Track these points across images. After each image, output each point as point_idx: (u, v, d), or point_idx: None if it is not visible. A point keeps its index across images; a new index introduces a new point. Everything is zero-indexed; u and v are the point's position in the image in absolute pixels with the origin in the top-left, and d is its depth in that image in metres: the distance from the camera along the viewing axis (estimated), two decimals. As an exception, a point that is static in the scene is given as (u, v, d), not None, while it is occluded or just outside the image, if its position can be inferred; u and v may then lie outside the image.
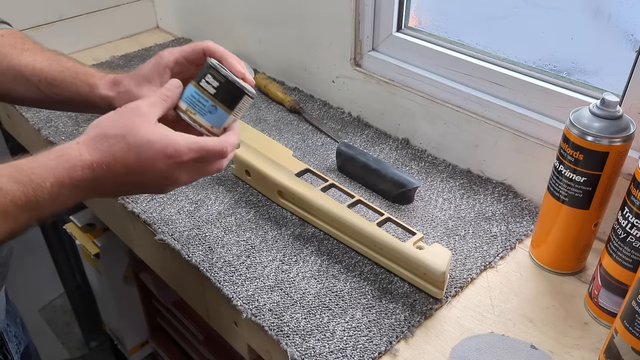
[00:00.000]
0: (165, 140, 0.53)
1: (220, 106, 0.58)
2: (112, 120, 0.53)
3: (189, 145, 0.54)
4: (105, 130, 0.52)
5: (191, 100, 0.58)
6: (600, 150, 0.60)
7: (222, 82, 0.57)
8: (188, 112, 0.58)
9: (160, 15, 1.41)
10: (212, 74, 0.57)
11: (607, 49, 0.73)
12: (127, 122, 0.53)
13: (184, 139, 0.54)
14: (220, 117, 0.58)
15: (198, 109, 0.58)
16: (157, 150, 0.53)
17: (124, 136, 0.52)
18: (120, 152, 0.52)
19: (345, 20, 0.95)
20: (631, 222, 0.58)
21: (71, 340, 1.63)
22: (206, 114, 0.58)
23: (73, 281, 1.53)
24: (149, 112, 0.54)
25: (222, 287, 0.68)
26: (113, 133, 0.52)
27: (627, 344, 0.54)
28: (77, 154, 0.51)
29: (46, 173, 0.49)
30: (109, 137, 0.52)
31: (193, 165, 0.56)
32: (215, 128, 0.58)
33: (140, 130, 0.53)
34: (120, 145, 0.52)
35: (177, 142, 0.53)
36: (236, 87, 0.58)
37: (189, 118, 0.58)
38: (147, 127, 0.53)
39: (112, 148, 0.52)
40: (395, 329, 0.62)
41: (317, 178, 0.80)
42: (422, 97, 0.90)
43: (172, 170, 0.54)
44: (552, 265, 0.71)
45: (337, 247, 0.74)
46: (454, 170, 0.88)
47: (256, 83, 1.11)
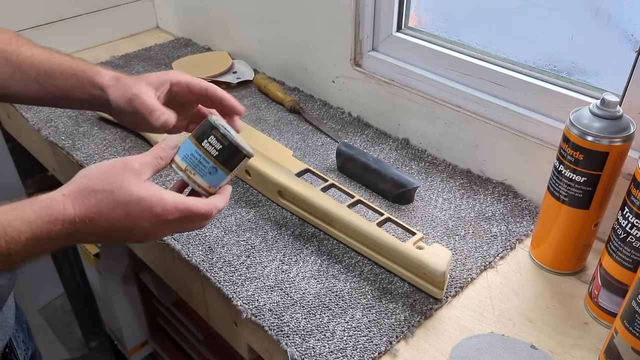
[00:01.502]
0: (155, 198, 0.53)
1: (221, 168, 0.58)
2: (102, 173, 0.52)
3: (176, 206, 0.54)
4: (94, 184, 0.52)
5: (191, 160, 0.57)
6: (600, 150, 0.60)
7: (226, 145, 0.57)
8: (187, 172, 0.57)
9: (160, 15, 1.41)
10: (216, 136, 0.57)
11: (607, 49, 0.73)
12: (118, 178, 0.52)
13: (172, 199, 0.54)
14: (219, 178, 0.58)
15: (199, 169, 0.57)
16: (145, 208, 0.52)
17: (112, 192, 0.51)
18: (106, 208, 0.51)
19: (345, 20, 0.95)
20: (631, 222, 0.58)
21: (71, 340, 1.62)
22: (206, 175, 0.58)
23: (73, 281, 1.53)
24: (141, 170, 0.54)
25: (222, 287, 0.68)
26: (102, 188, 0.51)
27: (627, 344, 0.54)
28: (61, 207, 0.50)
29: (23, 226, 0.48)
30: (97, 192, 0.51)
31: (177, 224, 0.55)
32: (212, 188, 0.59)
33: (130, 187, 0.52)
34: (108, 201, 0.51)
35: (166, 202, 0.53)
36: (239, 151, 0.58)
37: (188, 178, 0.58)
38: (137, 185, 0.53)
39: (99, 204, 0.51)
40: (395, 329, 0.62)
41: (317, 178, 0.80)
42: (422, 97, 0.90)
43: (156, 227, 0.54)
44: (552, 265, 0.71)
45: (337, 247, 0.74)
46: (454, 170, 0.88)
47: (256, 83, 1.12)
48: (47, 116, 1.02)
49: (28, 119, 1.02)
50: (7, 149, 1.29)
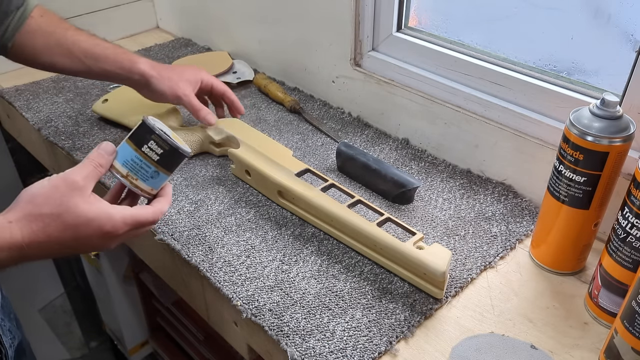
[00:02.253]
0: (103, 217, 0.54)
1: (163, 171, 0.59)
2: (48, 197, 0.52)
3: (124, 220, 0.55)
4: (39, 209, 0.52)
5: (132, 165, 0.58)
6: (600, 150, 0.60)
7: (167, 150, 0.58)
8: (129, 177, 0.58)
9: (160, 15, 1.41)
10: (156, 141, 0.57)
11: (607, 49, 0.73)
12: (64, 200, 0.52)
13: (120, 214, 0.55)
14: (160, 180, 0.60)
15: (140, 174, 0.58)
16: (95, 228, 0.53)
17: (60, 215, 0.52)
18: (55, 232, 0.52)
19: (345, 20, 0.95)
20: (631, 222, 0.58)
21: (71, 340, 1.63)
22: (148, 179, 0.58)
23: (73, 281, 1.53)
24: (85, 186, 0.54)
25: (222, 287, 0.68)
26: (48, 212, 0.51)
27: (627, 344, 0.54)
28: (8, 235, 0.50)
29: None
30: (43, 217, 0.51)
31: (127, 234, 0.57)
32: (154, 190, 0.60)
33: (77, 208, 0.52)
34: (56, 224, 0.52)
35: (114, 219, 0.54)
36: (179, 153, 0.59)
37: (130, 182, 0.58)
38: (84, 204, 0.53)
39: (46, 228, 0.51)
40: (395, 329, 0.62)
41: (317, 178, 0.80)
42: (422, 97, 0.90)
43: (106, 241, 0.56)
44: (552, 265, 0.71)
45: (337, 247, 0.74)
46: (454, 170, 0.88)
47: (256, 83, 1.12)
48: (47, 116, 1.02)
49: (28, 119, 1.02)
50: (7, 149, 1.29)
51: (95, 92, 1.11)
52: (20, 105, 1.06)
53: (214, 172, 0.88)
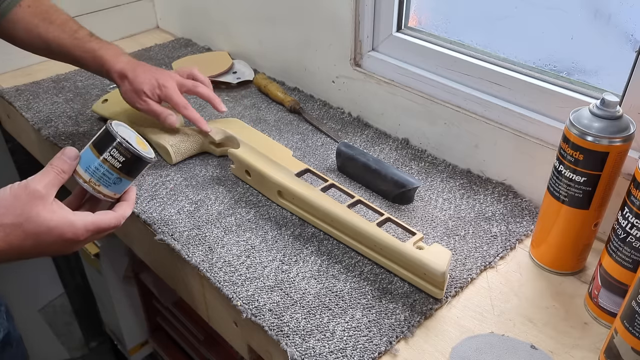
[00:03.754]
0: (64, 225, 0.54)
1: (125, 177, 0.60)
2: (8, 206, 0.53)
3: (86, 227, 0.56)
4: (1, 219, 0.52)
5: (95, 172, 0.58)
6: (600, 150, 0.60)
7: (128, 158, 0.59)
8: (92, 183, 0.59)
9: (160, 15, 1.41)
10: (118, 149, 0.58)
11: (607, 49, 0.73)
12: (25, 209, 0.53)
13: (81, 221, 0.56)
14: (123, 186, 0.61)
15: (103, 181, 0.59)
16: (56, 236, 0.54)
17: (21, 224, 0.53)
18: (17, 241, 0.53)
19: (345, 20, 0.95)
20: (631, 222, 0.58)
21: (71, 340, 1.62)
22: (111, 185, 0.59)
23: (73, 281, 1.53)
24: (47, 194, 0.55)
25: (222, 287, 0.68)
26: (10, 222, 0.52)
27: (627, 344, 0.54)
28: None
29: None
30: (5, 227, 0.52)
31: (89, 239, 0.58)
32: (117, 194, 0.61)
33: (39, 217, 0.53)
34: (17, 233, 0.52)
35: (75, 226, 0.55)
36: (141, 160, 0.60)
37: (92, 188, 0.59)
38: (45, 212, 0.54)
39: (7, 237, 0.52)
40: (395, 329, 0.62)
41: (317, 178, 0.80)
42: (422, 97, 0.90)
43: (67, 247, 0.57)
44: (552, 265, 0.71)
45: (337, 247, 0.74)
46: (454, 170, 0.88)
47: (256, 83, 1.12)
48: (47, 116, 1.02)
49: (28, 119, 1.02)
50: (7, 149, 1.29)
51: (95, 92, 1.11)
52: (20, 105, 1.06)
53: (214, 172, 0.88)
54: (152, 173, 0.87)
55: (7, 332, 0.81)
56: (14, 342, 0.83)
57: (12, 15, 0.83)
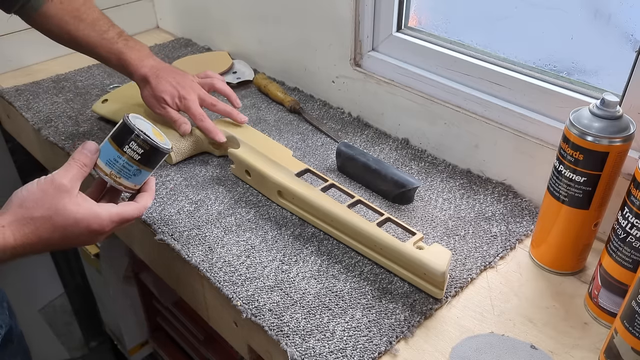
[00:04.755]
0: (90, 217, 0.57)
1: (144, 168, 0.61)
2: (37, 200, 0.56)
3: (111, 218, 0.59)
4: (31, 212, 0.55)
5: (115, 165, 0.60)
6: (600, 150, 0.60)
7: (147, 149, 0.60)
8: (112, 176, 0.60)
9: (160, 15, 1.41)
10: (137, 142, 0.60)
11: (607, 49, 0.73)
12: (53, 203, 0.56)
13: (106, 213, 0.59)
14: (143, 177, 0.62)
15: (123, 173, 0.60)
16: (83, 227, 0.57)
17: (50, 217, 0.55)
18: (46, 234, 0.55)
19: (345, 20, 0.95)
20: (631, 222, 0.58)
21: (71, 340, 1.62)
22: (131, 177, 0.61)
23: (73, 281, 1.53)
24: (72, 187, 0.57)
25: (222, 287, 0.68)
26: (39, 215, 0.55)
27: (627, 344, 0.54)
28: (1, 238, 0.54)
29: None
30: (35, 220, 0.55)
31: (113, 230, 0.61)
32: (137, 186, 0.62)
33: (65, 210, 0.56)
34: (46, 227, 0.55)
35: (101, 217, 0.58)
36: (159, 151, 0.61)
37: (113, 181, 0.61)
38: (72, 205, 0.56)
39: (37, 230, 0.55)
40: (395, 329, 0.62)
41: (317, 178, 0.80)
42: (422, 97, 0.90)
43: (93, 238, 0.59)
44: (552, 265, 0.71)
45: (337, 247, 0.74)
46: (454, 170, 0.88)
47: (256, 83, 1.12)
48: (47, 116, 1.02)
49: (28, 119, 1.02)
50: (7, 149, 1.29)
51: (95, 92, 1.11)
52: (20, 105, 1.06)
53: (214, 172, 0.88)
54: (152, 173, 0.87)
55: (9, 328, 0.81)
56: (16, 338, 0.84)
57: (45, 10, 0.85)
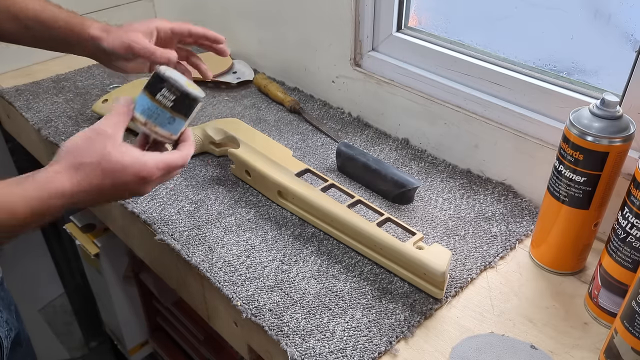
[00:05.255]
0: (138, 164, 0.58)
1: (178, 116, 0.62)
2: (85, 147, 0.57)
3: (157, 165, 0.59)
4: (81, 159, 0.56)
5: (149, 113, 0.61)
6: (600, 150, 0.60)
7: (178, 96, 0.61)
8: (148, 125, 0.61)
9: (160, 15, 1.41)
10: (168, 88, 0.61)
11: (607, 49, 0.73)
12: (99, 148, 0.57)
13: (152, 160, 0.59)
14: (178, 125, 0.63)
15: (158, 121, 0.61)
16: (131, 174, 0.58)
17: (99, 163, 0.56)
18: (97, 179, 0.57)
19: (345, 21, 0.95)
20: (631, 222, 0.58)
21: (71, 340, 1.63)
22: (166, 125, 0.62)
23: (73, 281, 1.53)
24: (115, 134, 0.59)
25: (222, 287, 0.68)
26: (89, 161, 0.56)
27: (627, 344, 0.54)
28: (59, 184, 0.55)
29: (26, 201, 0.54)
30: (85, 166, 0.56)
31: (160, 179, 0.62)
32: (174, 135, 0.63)
33: (112, 155, 0.57)
34: (96, 172, 0.56)
35: (148, 164, 0.59)
36: (191, 98, 0.62)
37: (150, 130, 0.62)
38: (118, 151, 0.57)
39: (89, 176, 0.56)
40: (395, 329, 0.62)
41: (317, 178, 0.80)
42: (422, 97, 0.90)
43: (141, 187, 0.60)
44: (552, 265, 0.71)
45: (337, 247, 0.74)
46: (454, 170, 0.88)
47: (256, 83, 1.12)
48: (47, 116, 1.02)
49: (28, 119, 1.02)
50: (7, 149, 1.29)
51: (95, 92, 1.11)
52: (20, 105, 1.06)
53: (214, 172, 0.88)
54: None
55: (17, 331, 0.81)
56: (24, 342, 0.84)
57: None
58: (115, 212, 0.88)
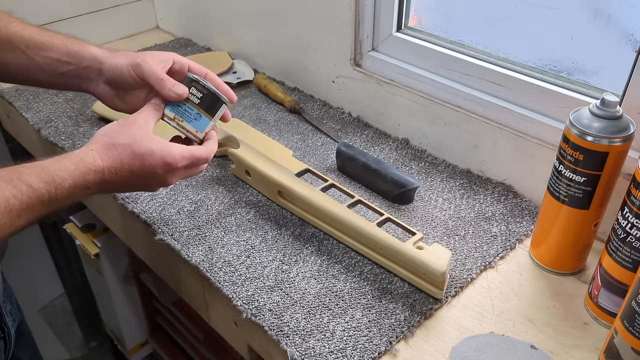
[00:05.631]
0: (165, 150, 0.61)
1: (204, 113, 0.67)
2: (118, 131, 0.62)
3: (182, 154, 0.63)
4: (114, 140, 0.60)
5: (178, 110, 0.67)
6: (600, 150, 0.60)
7: (205, 94, 0.67)
8: (176, 120, 0.67)
9: (160, 15, 1.41)
10: (196, 87, 0.67)
11: (607, 49, 0.73)
12: (131, 133, 0.61)
13: (178, 149, 0.63)
14: (203, 123, 0.68)
15: (185, 116, 0.67)
16: (158, 158, 0.61)
17: (130, 145, 0.60)
18: (127, 159, 0.60)
19: (345, 20, 0.95)
20: (631, 222, 0.58)
21: (71, 340, 1.63)
22: (192, 121, 0.67)
23: (73, 281, 1.53)
24: (146, 125, 0.63)
25: (222, 287, 0.68)
26: (121, 142, 0.60)
27: (627, 344, 0.54)
28: (92, 160, 0.59)
29: (67, 175, 0.57)
30: (117, 146, 0.60)
31: (184, 170, 0.65)
32: (199, 133, 0.68)
33: (143, 140, 0.61)
34: (127, 153, 0.60)
35: (174, 152, 0.62)
36: (216, 97, 0.68)
37: (177, 125, 0.67)
38: (148, 138, 0.61)
39: (120, 155, 0.60)
40: (395, 329, 0.62)
41: (317, 178, 0.80)
42: (422, 97, 0.90)
43: (167, 174, 0.63)
44: (552, 265, 0.71)
45: (337, 247, 0.74)
46: (454, 170, 0.88)
47: (256, 83, 1.12)
48: (47, 116, 1.02)
49: (28, 119, 1.02)
50: (7, 149, 1.29)
51: (95, 92, 1.11)
52: (20, 105, 1.06)
53: (214, 172, 0.88)
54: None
55: (20, 321, 0.82)
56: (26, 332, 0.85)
57: None
58: (115, 212, 0.88)
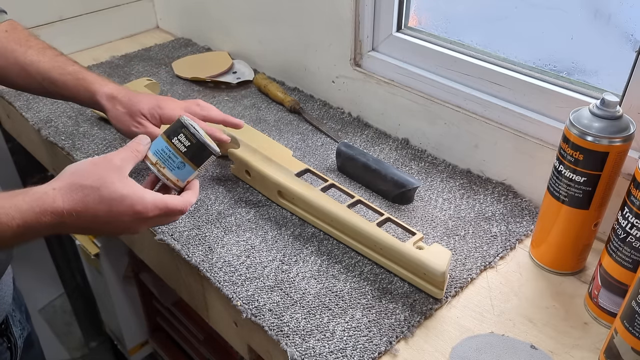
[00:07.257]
0: (136, 197, 0.57)
1: (189, 163, 0.62)
2: (89, 170, 0.57)
3: (155, 203, 0.58)
4: (81, 180, 0.56)
5: (161, 155, 0.62)
6: (600, 150, 0.60)
7: (193, 143, 0.62)
8: (157, 165, 0.62)
9: (160, 15, 1.41)
10: (185, 134, 0.62)
11: (607, 49, 0.73)
12: (102, 174, 0.56)
13: (151, 197, 0.58)
14: (186, 173, 0.63)
15: (168, 164, 0.62)
16: (127, 205, 0.56)
17: (98, 188, 0.55)
18: (92, 203, 0.55)
19: (345, 20, 0.95)
20: (631, 222, 0.58)
21: (71, 341, 1.62)
22: (175, 169, 0.62)
23: (73, 281, 1.53)
24: (122, 166, 0.58)
25: (222, 287, 0.68)
26: (89, 184, 0.55)
27: (627, 344, 0.54)
28: (51, 201, 0.54)
29: (16, 214, 0.52)
30: (84, 187, 0.55)
31: (155, 219, 0.60)
32: (180, 182, 0.63)
33: (114, 184, 0.56)
34: (94, 196, 0.55)
35: (146, 200, 0.57)
36: (206, 149, 0.63)
37: (158, 171, 0.62)
38: (120, 182, 0.57)
39: (85, 198, 0.55)
40: (395, 329, 0.62)
41: (317, 178, 0.80)
42: (422, 97, 0.90)
43: (135, 222, 0.58)
44: (552, 265, 0.71)
45: (337, 247, 0.74)
46: (454, 170, 0.88)
47: (256, 83, 1.12)
48: (47, 116, 1.02)
49: (28, 119, 1.02)
50: (7, 149, 1.29)
51: (95, 92, 1.11)
52: (20, 105, 1.06)
53: (214, 172, 0.88)
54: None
55: (29, 332, 0.81)
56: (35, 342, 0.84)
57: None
58: (115, 212, 0.88)
